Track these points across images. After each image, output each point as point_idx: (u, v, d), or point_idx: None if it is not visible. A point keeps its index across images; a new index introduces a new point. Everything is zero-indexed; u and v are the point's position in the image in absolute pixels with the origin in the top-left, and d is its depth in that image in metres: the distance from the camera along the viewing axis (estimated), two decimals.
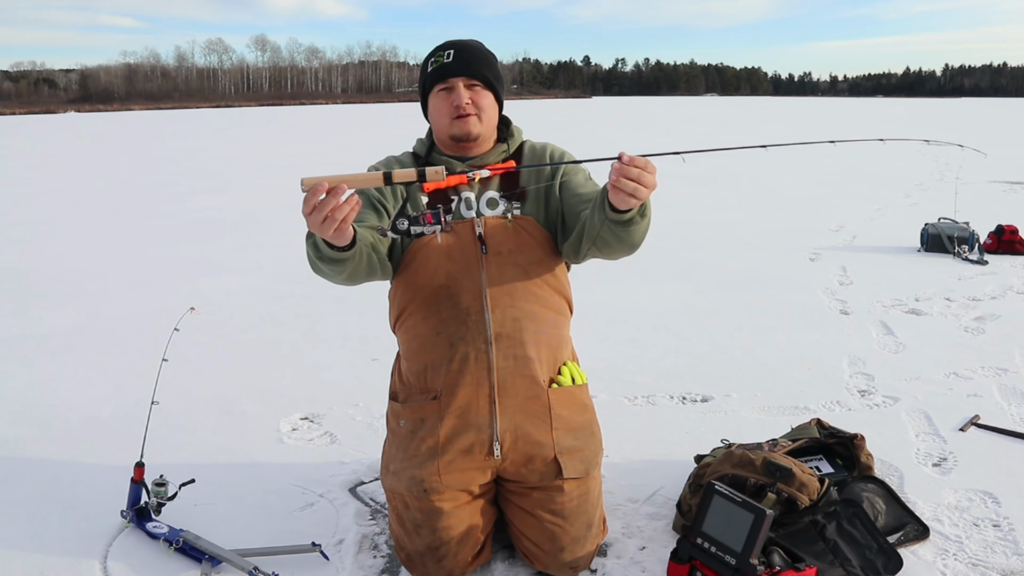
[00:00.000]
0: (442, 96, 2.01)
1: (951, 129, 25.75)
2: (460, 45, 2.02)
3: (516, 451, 2.00)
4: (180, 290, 5.06)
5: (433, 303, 1.98)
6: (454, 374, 1.97)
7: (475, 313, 1.96)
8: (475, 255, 1.97)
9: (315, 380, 3.44)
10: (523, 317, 1.98)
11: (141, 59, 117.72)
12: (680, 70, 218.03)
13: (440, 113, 2.02)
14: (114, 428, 2.92)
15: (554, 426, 2.02)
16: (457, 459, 1.98)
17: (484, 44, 2.08)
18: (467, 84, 1.99)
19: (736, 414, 3.06)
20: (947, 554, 2.14)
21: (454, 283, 1.96)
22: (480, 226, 1.98)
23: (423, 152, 2.11)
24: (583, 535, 2.04)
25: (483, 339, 1.96)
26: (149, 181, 11.31)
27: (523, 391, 1.99)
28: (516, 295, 1.98)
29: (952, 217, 6.58)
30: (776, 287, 5.06)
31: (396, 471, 2.03)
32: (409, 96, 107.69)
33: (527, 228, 2.00)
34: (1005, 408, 3.13)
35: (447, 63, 1.99)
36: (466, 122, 1.99)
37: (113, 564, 2.08)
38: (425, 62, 2.06)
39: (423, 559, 2.00)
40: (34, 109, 65.97)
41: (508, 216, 1.99)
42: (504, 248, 1.98)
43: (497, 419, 1.98)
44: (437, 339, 1.98)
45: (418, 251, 1.98)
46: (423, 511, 1.99)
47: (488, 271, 1.96)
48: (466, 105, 1.98)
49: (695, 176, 11.54)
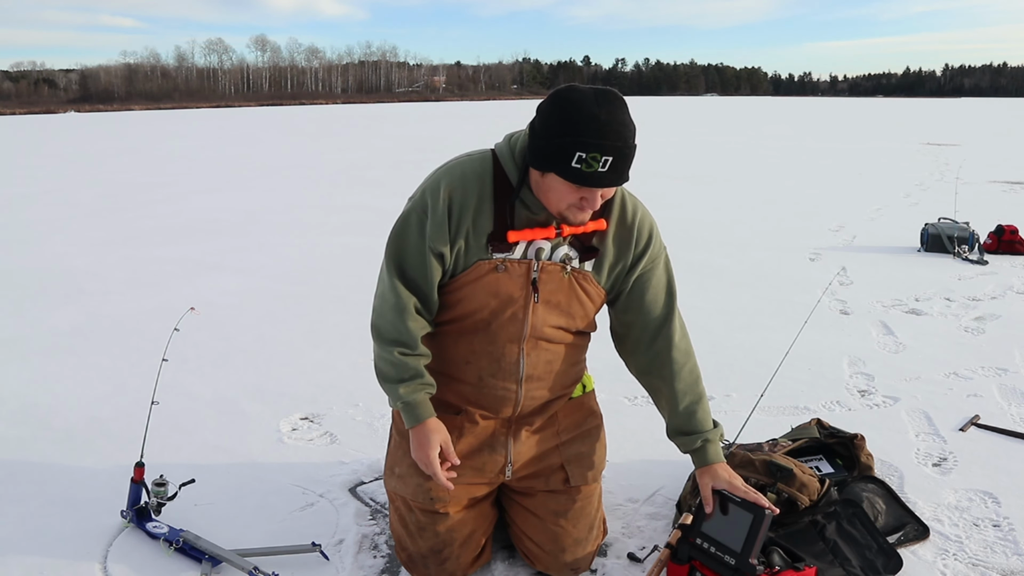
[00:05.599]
0: (572, 189, 1.70)
1: (951, 129, 25.74)
2: (620, 151, 1.64)
3: (525, 468, 2.02)
4: (180, 290, 5.05)
5: (469, 332, 1.90)
6: (477, 402, 1.96)
7: (511, 355, 1.89)
8: (525, 300, 1.84)
9: (315, 380, 3.44)
10: (556, 359, 1.96)
11: (141, 59, 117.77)
12: (680, 70, 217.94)
13: (560, 197, 1.73)
14: (114, 428, 2.92)
15: (562, 438, 2.04)
16: (467, 474, 1.97)
17: (631, 119, 1.69)
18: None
19: (736, 414, 3.05)
20: (947, 554, 2.14)
21: (496, 321, 1.86)
22: (536, 271, 1.83)
23: (513, 179, 1.79)
24: (585, 537, 2.04)
25: (514, 380, 1.92)
26: (149, 181, 11.31)
27: (540, 417, 2.02)
28: (555, 339, 1.93)
29: (952, 217, 6.59)
30: (776, 287, 5.06)
31: (402, 475, 2.00)
32: (409, 96, 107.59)
33: (584, 283, 1.88)
34: (1005, 408, 3.13)
35: (601, 172, 1.64)
36: (583, 213, 1.76)
37: (113, 564, 2.08)
38: (569, 137, 1.63)
39: (425, 561, 2.00)
40: (34, 109, 65.94)
41: (567, 267, 1.85)
42: (554, 298, 1.86)
43: (511, 444, 1.99)
44: (465, 367, 1.93)
45: (468, 283, 1.83)
46: (427, 514, 1.98)
47: (534, 319, 1.86)
48: (597, 203, 1.74)
49: (695, 176, 11.55)
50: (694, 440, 1.96)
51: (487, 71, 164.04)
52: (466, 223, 1.79)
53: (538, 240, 1.82)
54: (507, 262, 1.81)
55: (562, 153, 1.64)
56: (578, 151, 1.62)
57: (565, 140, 1.63)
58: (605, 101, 1.65)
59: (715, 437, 1.98)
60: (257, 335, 4.10)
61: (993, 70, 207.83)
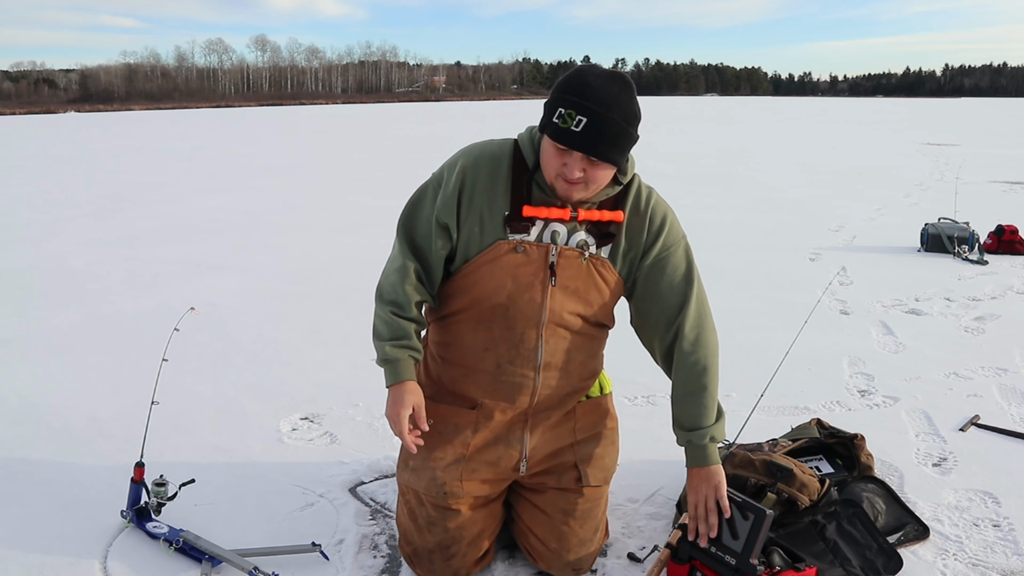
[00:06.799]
0: (555, 152, 1.74)
1: (951, 129, 25.74)
2: (597, 115, 1.67)
3: (539, 465, 2.02)
4: (180, 290, 5.05)
5: (487, 319, 1.90)
6: (496, 393, 1.94)
7: (529, 341, 1.89)
8: (542, 284, 1.85)
9: (315, 380, 3.44)
10: (574, 348, 1.95)
11: (141, 59, 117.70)
12: (680, 70, 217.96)
13: (548, 163, 1.78)
14: (114, 428, 2.92)
15: (578, 436, 2.04)
16: (482, 468, 1.97)
17: (632, 101, 1.72)
18: (587, 158, 1.73)
19: (736, 414, 3.05)
20: (947, 554, 2.14)
21: (513, 306, 1.86)
22: (555, 255, 1.85)
23: (530, 162, 1.84)
24: (590, 538, 2.04)
25: (532, 367, 1.91)
26: (149, 181, 11.31)
27: (557, 412, 2.01)
28: (573, 328, 1.92)
29: (952, 217, 6.59)
30: (776, 287, 5.06)
31: (416, 468, 1.99)
32: (409, 96, 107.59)
33: (601, 270, 1.88)
34: (1005, 408, 3.13)
35: (573, 132, 1.68)
36: (570, 188, 1.77)
37: (113, 564, 2.08)
38: (557, 93, 1.73)
39: (431, 556, 1.99)
40: (34, 109, 65.90)
41: (585, 253, 1.85)
42: (572, 284, 1.86)
43: (527, 438, 1.99)
44: (484, 355, 1.92)
45: (485, 263, 1.85)
46: (438, 509, 1.98)
47: (552, 303, 1.86)
48: (576, 177, 1.75)
49: (695, 176, 11.55)
50: (682, 437, 1.95)
51: (487, 71, 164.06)
52: (480, 201, 1.83)
53: (554, 223, 1.84)
54: (525, 244, 1.83)
55: (549, 108, 1.73)
56: (559, 107, 1.70)
57: (554, 96, 1.73)
58: (606, 75, 1.72)
59: (702, 439, 1.91)
60: (257, 335, 4.10)
61: (993, 70, 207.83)
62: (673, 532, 1.96)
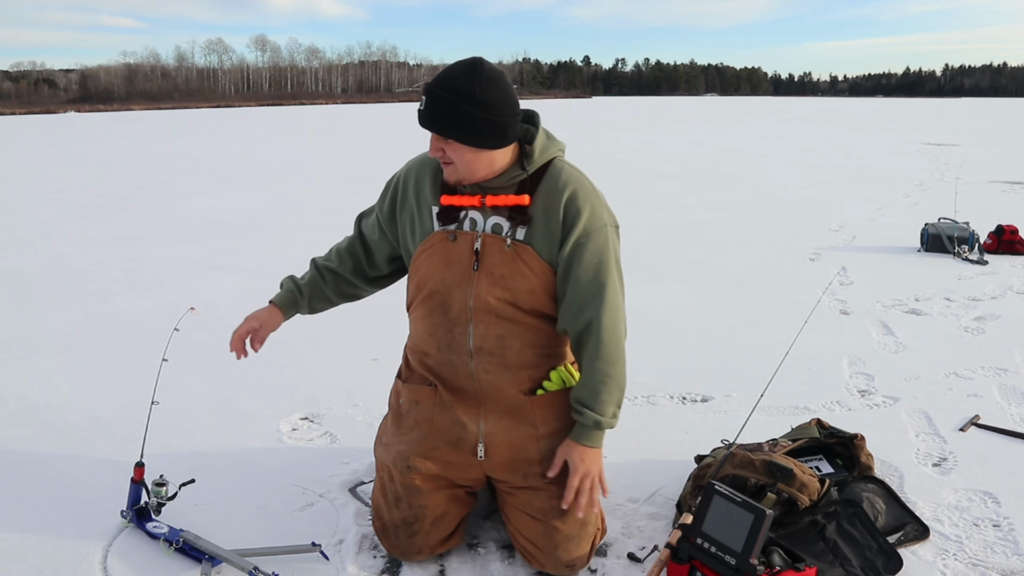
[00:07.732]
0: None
1: (951, 129, 25.75)
2: (433, 93, 1.83)
3: (500, 454, 2.03)
4: (180, 290, 5.06)
5: (429, 304, 2.02)
6: (440, 375, 2.06)
7: (460, 325, 1.98)
8: (468, 269, 1.95)
9: (315, 380, 3.44)
10: (508, 335, 1.98)
11: (141, 59, 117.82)
12: (680, 70, 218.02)
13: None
14: (114, 428, 2.92)
15: (540, 430, 2.04)
16: (442, 448, 2.05)
17: (471, 82, 1.81)
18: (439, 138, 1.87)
19: (736, 414, 3.06)
20: (947, 554, 2.14)
21: (447, 291, 1.98)
22: (479, 242, 1.94)
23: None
24: (577, 534, 2.03)
25: (465, 352, 2.00)
26: (150, 181, 11.31)
27: (505, 401, 2.03)
28: (503, 315, 1.96)
29: (952, 217, 6.59)
30: (776, 287, 5.06)
31: (387, 444, 2.13)
32: (409, 96, 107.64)
33: (525, 257, 1.93)
34: (1005, 408, 3.13)
35: (420, 111, 1.86)
36: (446, 168, 1.92)
37: (113, 564, 2.08)
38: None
39: (397, 531, 2.08)
40: (34, 109, 65.91)
41: (507, 240, 1.94)
42: (497, 271, 1.94)
43: (482, 423, 2.03)
44: (429, 339, 2.05)
45: (424, 250, 2.01)
46: (404, 486, 2.06)
47: (477, 288, 1.94)
48: (439, 154, 1.90)
49: (695, 176, 11.55)
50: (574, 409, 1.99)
51: None
52: (411, 201, 2.04)
53: (469, 210, 1.97)
54: (457, 232, 1.96)
55: None
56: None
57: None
58: (460, 63, 1.86)
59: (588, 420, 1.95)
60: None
61: (993, 70, 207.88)
62: (673, 532, 1.96)
